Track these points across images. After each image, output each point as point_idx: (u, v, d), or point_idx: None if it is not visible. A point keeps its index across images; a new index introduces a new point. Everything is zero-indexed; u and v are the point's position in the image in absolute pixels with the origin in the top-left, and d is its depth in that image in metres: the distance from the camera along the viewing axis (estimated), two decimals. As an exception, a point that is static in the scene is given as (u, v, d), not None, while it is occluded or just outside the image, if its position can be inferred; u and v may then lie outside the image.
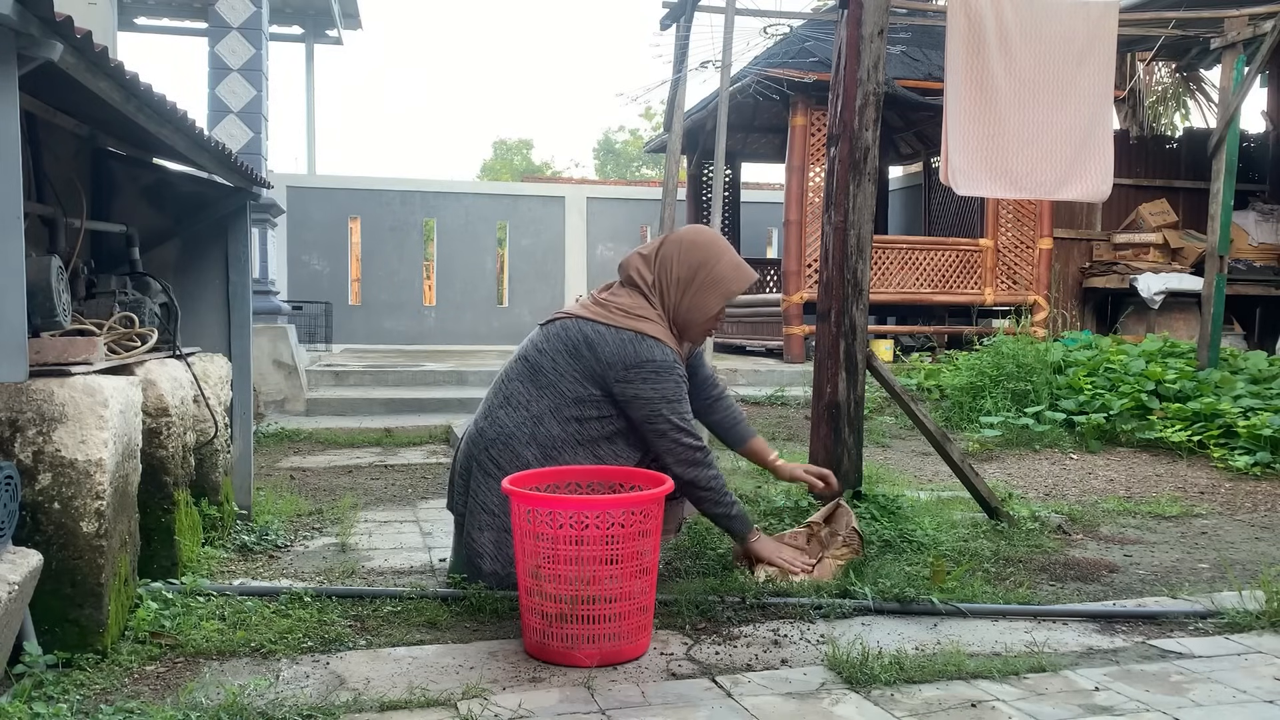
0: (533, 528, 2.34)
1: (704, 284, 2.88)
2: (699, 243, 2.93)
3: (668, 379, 2.76)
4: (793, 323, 8.86)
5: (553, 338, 2.84)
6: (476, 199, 12.39)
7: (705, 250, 2.91)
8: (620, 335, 2.76)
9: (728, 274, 2.91)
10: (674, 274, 2.88)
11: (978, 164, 4.09)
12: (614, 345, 2.75)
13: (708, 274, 2.88)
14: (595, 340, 2.76)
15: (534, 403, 2.79)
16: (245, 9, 7.84)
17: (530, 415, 2.78)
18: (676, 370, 2.79)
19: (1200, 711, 2.11)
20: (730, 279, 2.91)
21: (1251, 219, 10.37)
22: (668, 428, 2.76)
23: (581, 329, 2.79)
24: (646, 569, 2.39)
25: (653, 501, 2.39)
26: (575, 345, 2.78)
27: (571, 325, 2.82)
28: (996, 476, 4.77)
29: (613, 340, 2.75)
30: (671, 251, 2.91)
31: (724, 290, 2.90)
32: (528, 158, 37.05)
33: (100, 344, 2.49)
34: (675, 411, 2.77)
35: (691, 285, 2.88)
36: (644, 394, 2.74)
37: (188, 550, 2.91)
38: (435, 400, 7.15)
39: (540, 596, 2.34)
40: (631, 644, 2.37)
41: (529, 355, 2.86)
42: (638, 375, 2.73)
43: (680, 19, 5.59)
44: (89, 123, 3.26)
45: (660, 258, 2.91)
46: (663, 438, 2.77)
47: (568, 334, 2.81)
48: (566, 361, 2.78)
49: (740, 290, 2.95)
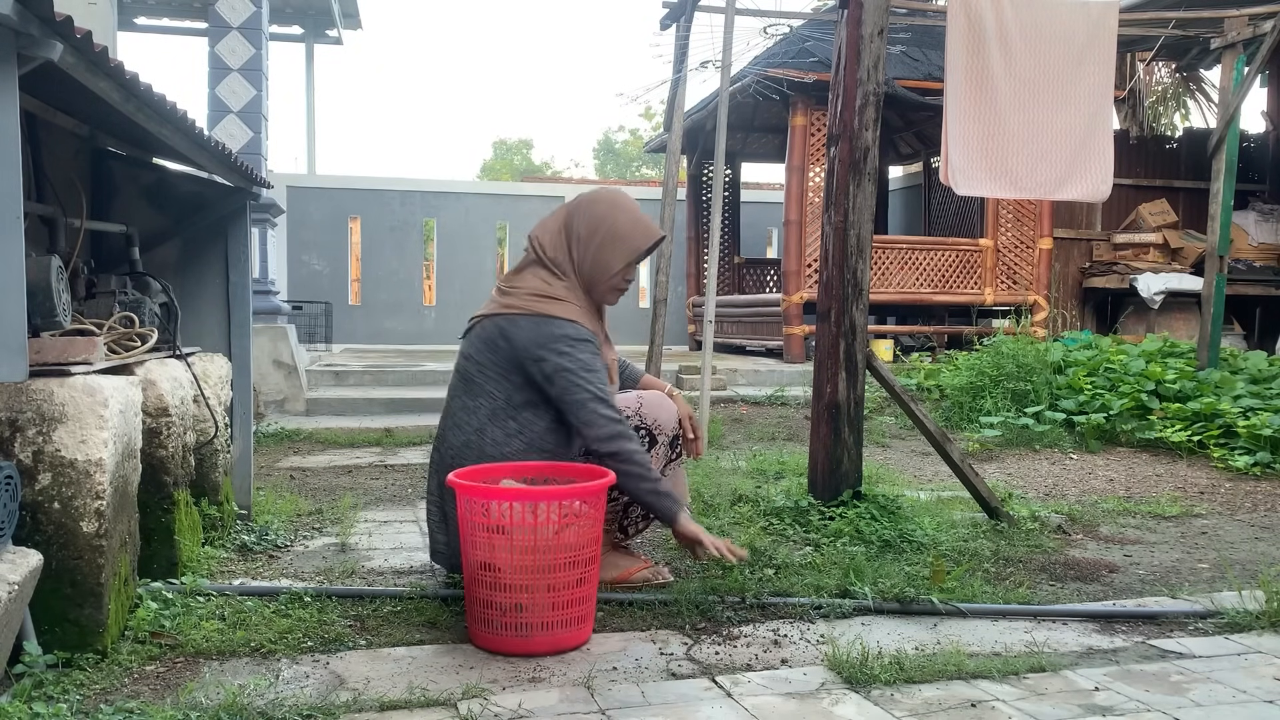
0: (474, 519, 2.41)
1: (605, 239, 2.89)
2: (599, 198, 2.96)
3: (583, 350, 2.76)
4: (793, 323, 8.86)
5: (474, 340, 2.87)
6: (476, 199, 12.38)
7: (605, 206, 2.93)
8: (531, 320, 2.78)
9: (628, 229, 2.91)
10: (576, 232, 2.90)
11: (978, 164, 4.09)
12: (526, 328, 2.77)
13: (609, 229, 2.89)
14: (508, 328, 2.79)
15: (474, 414, 2.81)
16: (245, 9, 7.84)
17: (473, 428, 2.80)
18: (591, 343, 2.80)
19: (1200, 711, 2.11)
20: (631, 234, 2.91)
21: (1251, 219, 10.37)
22: (586, 397, 2.71)
23: (496, 324, 2.82)
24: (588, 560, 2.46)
25: (592, 494, 2.45)
26: (493, 339, 2.81)
27: (488, 324, 2.84)
28: (996, 476, 4.77)
29: (525, 325, 2.77)
30: (574, 210, 2.94)
31: (626, 246, 2.90)
32: (528, 158, 37.06)
33: (100, 344, 2.48)
34: (591, 381, 2.73)
35: (593, 241, 2.88)
36: (560, 365, 2.73)
37: (188, 550, 2.91)
38: (435, 400, 7.12)
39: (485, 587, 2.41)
40: (572, 632, 2.44)
41: (460, 367, 2.91)
42: (552, 350, 2.74)
43: (680, 19, 5.59)
44: (89, 123, 3.26)
45: (566, 218, 2.94)
46: (581, 408, 2.71)
47: (485, 333, 2.84)
48: (489, 359, 2.80)
49: (643, 245, 2.93)
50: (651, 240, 2.95)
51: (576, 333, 2.78)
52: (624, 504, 2.97)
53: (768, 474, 4.59)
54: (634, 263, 2.95)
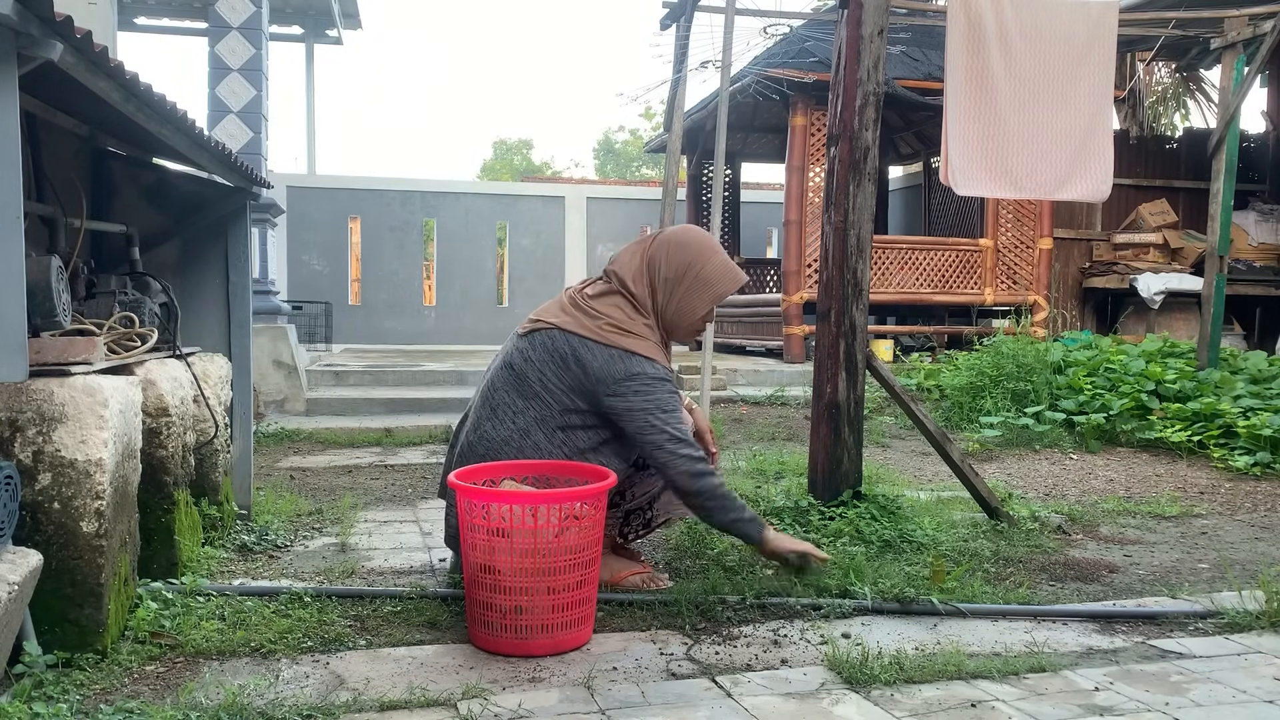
0: (474, 520, 2.41)
1: (692, 285, 2.83)
2: (688, 243, 2.88)
3: (660, 389, 2.71)
4: (793, 323, 8.86)
5: (539, 348, 2.77)
6: (476, 199, 12.38)
7: (694, 250, 2.86)
8: (609, 352, 2.70)
9: (716, 275, 2.86)
10: (662, 274, 2.83)
11: (977, 164, 4.09)
12: (603, 360, 2.70)
13: (696, 275, 2.83)
14: (584, 356, 2.71)
15: (520, 415, 2.75)
16: (245, 9, 7.84)
17: (517, 428, 2.74)
18: (669, 382, 2.75)
19: (1200, 711, 2.11)
20: (719, 280, 2.86)
21: (1251, 219, 10.36)
22: (664, 439, 2.68)
23: (570, 343, 2.73)
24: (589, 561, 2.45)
25: (592, 495, 2.44)
26: (563, 358, 2.73)
27: (559, 338, 2.75)
28: (996, 476, 4.77)
29: (601, 356, 2.70)
30: (660, 251, 2.85)
31: (713, 292, 2.85)
32: (528, 158, 37.04)
33: (100, 344, 2.48)
34: (669, 422, 2.70)
35: (680, 286, 2.83)
36: (636, 405, 2.69)
37: (188, 550, 2.91)
38: (435, 400, 7.15)
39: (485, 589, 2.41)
40: (572, 634, 2.43)
41: (514, 363, 2.81)
42: (628, 388, 2.68)
43: (680, 19, 5.59)
44: (89, 123, 3.26)
45: (649, 257, 2.86)
46: (659, 450, 2.69)
47: (554, 346, 2.75)
48: (554, 374, 2.73)
49: (729, 292, 2.90)
50: (737, 286, 2.90)
51: (655, 371, 2.73)
52: (625, 512, 2.97)
53: (768, 474, 4.59)
54: (715, 307, 2.93)
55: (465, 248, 12.09)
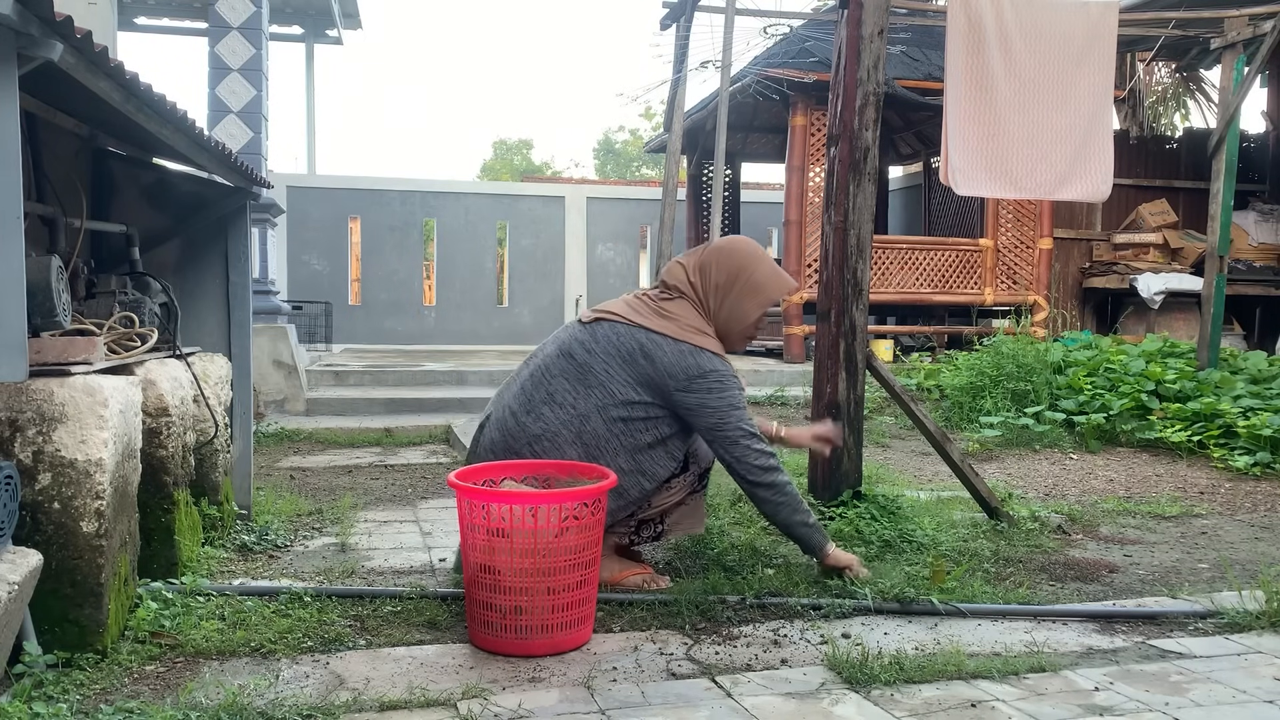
0: (474, 520, 2.41)
1: (743, 290, 2.91)
2: (736, 249, 2.97)
3: (732, 386, 2.80)
4: (793, 323, 8.86)
5: (602, 339, 2.81)
6: (476, 199, 12.38)
7: (743, 256, 2.95)
8: (679, 346, 2.78)
9: (766, 280, 2.94)
10: (713, 280, 2.92)
11: (977, 164, 4.09)
12: (673, 355, 2.77)
13: (746, 280, 2.92)
14: (652, 350, 2.77)
15: (580, 401, 2.78)
16: (245, 9, 7.84)
17: (576, 413, 2.77)
18: (737, 380, 2.83)
19: (1200, 711, 2.11)
20: (768, 285, 2.94)
21: (1251, 219, 10.36)
22: (739, 434, 2.77)
23: (636, 337, 2.79)
24: (589, 562, 2.46)
25: (592, 496, 2.45)
26: (630, 352, 2.78)
27: (624, 330, 2.81)
28: (996, 476, 4.77)
29: (671, 351, 2.77)
30: (710, 259, 2.95)
31: (763, 297, 2.93)
32: (528, 158, 37.03)
33: (100, 344, 2.49)
34: (741, 419, 2.79)
35: (731, 292, 2.91)
36: (709, 403, 2.76)
37: (188, 550, 2.91)
38: (435, 400, 7.15)
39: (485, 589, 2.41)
40: (572, 634, 2.44)
41: (575, 353, 2.83)
42: (702, 385, 2.76)
43: (680, 19, 5.59)
44: (89, 123, 3.26)
45: (700, 265, 2.95)
46: (734, 445, 2.78)
47: (620, 339, 2.80)
48: (619, 366, 2.78)
49: (779, 296, 2.99)
50: (786, 291, 3.00)
51: (726, 368, 2.81)
52: (637, 523, 2.97)
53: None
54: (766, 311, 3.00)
55: (465, 248, 12.09)
